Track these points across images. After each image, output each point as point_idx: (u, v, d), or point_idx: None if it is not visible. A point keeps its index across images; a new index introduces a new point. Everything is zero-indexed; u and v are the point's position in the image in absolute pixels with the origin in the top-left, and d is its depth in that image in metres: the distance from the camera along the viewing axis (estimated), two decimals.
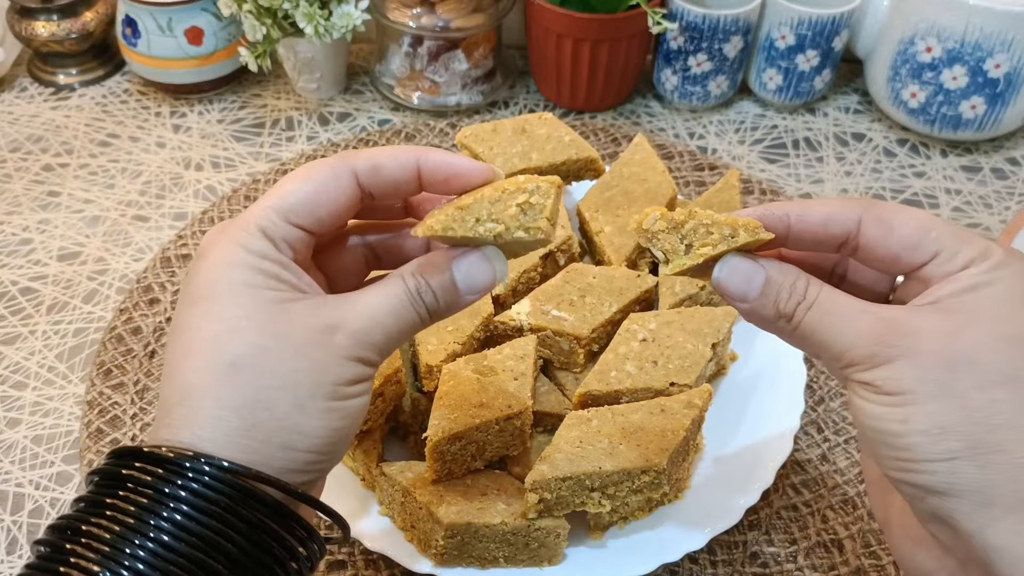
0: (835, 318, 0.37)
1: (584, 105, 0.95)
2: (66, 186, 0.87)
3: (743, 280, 0.39)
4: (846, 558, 0.61)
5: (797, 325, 0.38)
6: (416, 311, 0.39)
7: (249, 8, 0.85)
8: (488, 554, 0.56)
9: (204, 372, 0.36)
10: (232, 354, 0.36)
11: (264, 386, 0.36)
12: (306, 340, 0.37)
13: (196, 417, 0.36)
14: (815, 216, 0.39)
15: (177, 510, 0.35)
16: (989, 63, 0.84)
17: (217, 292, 0.37)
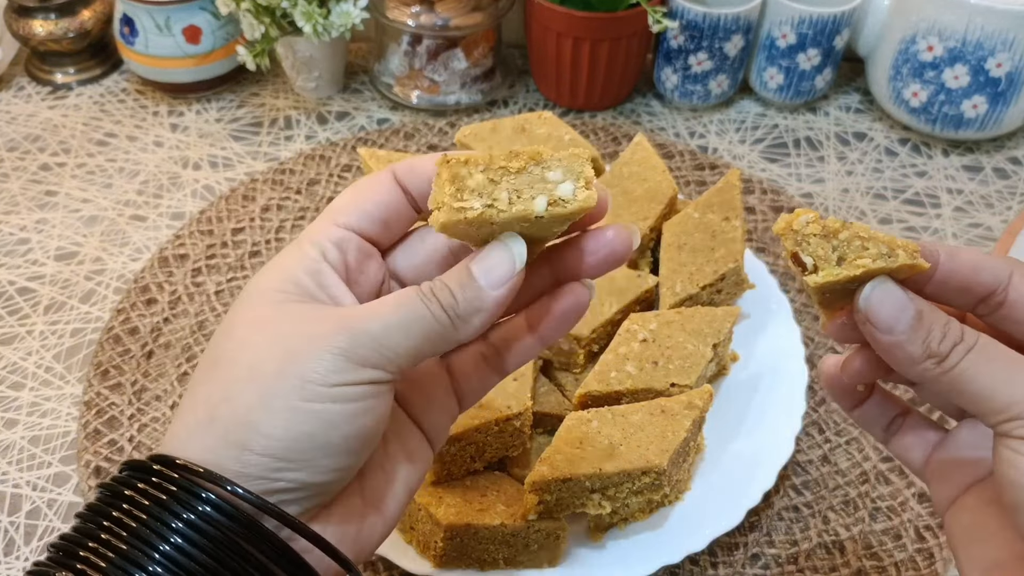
0: (999, 366, 0.34)
1: (584, 104, 0.95)
2: (63, 185, 0.87)
3: (895, 309, 0.35)
4: (847, 559, 0.61)
5: (951, 368, 0.34)
6: (429, 310, 0.35)
7: (247, 7, 0.84)
8: (488, 556, 0.56)
9: (196, 371, 0.36)
10: (219, 348, 0.36)
11: (232, 378, 0.34)
12: (288, 331, 0.35)
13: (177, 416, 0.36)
14: (965, 260, 0.36)
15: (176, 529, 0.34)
16: (991, 62, 0.83)
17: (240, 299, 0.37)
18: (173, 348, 0.72)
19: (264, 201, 0.84)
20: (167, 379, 0.70)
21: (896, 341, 0.35)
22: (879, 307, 0.35)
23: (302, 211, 0.84)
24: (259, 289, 0.37)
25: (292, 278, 0.37)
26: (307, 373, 0.34)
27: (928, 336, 0.35)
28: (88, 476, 0.64)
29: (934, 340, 0.35)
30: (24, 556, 0.61)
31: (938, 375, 0.35)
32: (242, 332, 0.35)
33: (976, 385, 0.34)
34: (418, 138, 0.92)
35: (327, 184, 0.86)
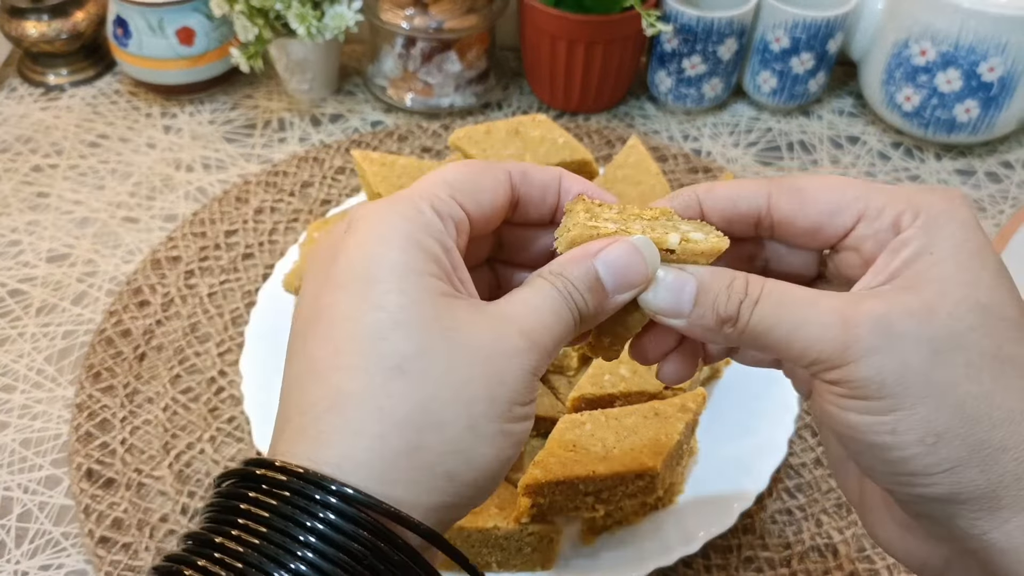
0: (789, 309, 0.32)
1: (578, 107, 0.95)
2: (55, 187, 0.86)
3: (672, 294, 0.34)
4: (840, 562, 0.61)
5: (745, 326, 0.33)
6: (571, 313, 0.33)
7: (241, 8, 0.84)
8: (481, 559, 0.55)
9: (363, 374, 0.30)
10: (398, 354, 0.30)
11: (434, 398, 0.30)
12: (479, 344, 0.31)
13: (353, 431, 0.30)
14: (723, 193, 0.36)
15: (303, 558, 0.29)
16: (983, 66, 0.84)
17: (373, 273, 0.31)
18: (166, 350, 0.72)
19: (257, 203, 0.84)
20: (159, 381, 0.70)
21: (691, 321, 0.34)
22: (656, 300, 0.34)
23: (295, 213, 0.84)
24: (409, 269, 0.31)
25: (433, 255, 0.32)
26: (515, 396, 0.31)
27: (715, 302, 0.34)
28: (79, 479, 0.64)
29: (720, 305, 0.33)
30: (15, 559, 0.60)
31: (739, 336, 0.34)
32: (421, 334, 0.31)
33: (772, 337, 0.33)
34: (412, 140, 0.91)
35: (320, 186, 0.86)
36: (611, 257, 0.33)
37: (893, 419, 0.31)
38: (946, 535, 0.34)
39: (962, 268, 0.32)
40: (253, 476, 0.30)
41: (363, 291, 0.31)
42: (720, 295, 0.34)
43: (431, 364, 0.30)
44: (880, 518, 0.37)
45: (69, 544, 0.61)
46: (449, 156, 0.79)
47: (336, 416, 0.30)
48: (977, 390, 0.31)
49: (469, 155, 0.72)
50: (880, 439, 0.32)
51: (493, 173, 0.36)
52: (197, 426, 0.67)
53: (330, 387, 0.30)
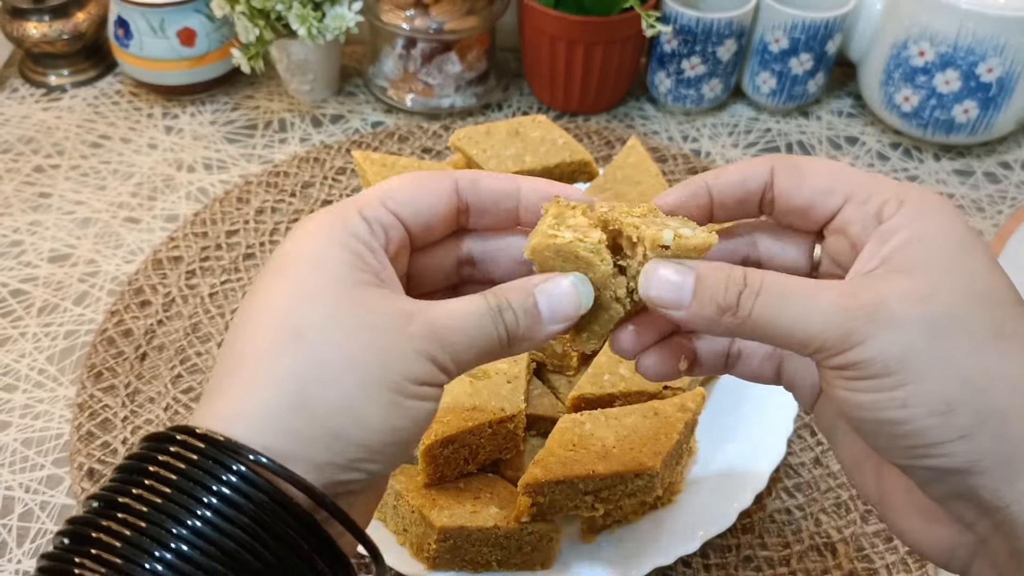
0: (790, 300, 0.33)
1: (578, 108, 0.95)
2: (57, 187, 0.87)
3: (672, 286, 0.35)
4: (839, 562, 0.61)
5: (747, 316, 0.34)
6: (496, 327, 0.35)
7: (242, 9, 0.85)
8: (481, 558, 0.56)
9: (264, 337, 0.33)
10: (300, 320, 0.33)
11: (327, 359, 0.32)
12: (381, 321, 0.33)
13: (245, 387, 0.32)
14: (732, 175, 0.38)
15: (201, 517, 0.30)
16: (982, 67, 0.84)
17: (298, 261, 0.34)
18: (167, 350, 0.72)
19: (258, 203, 0.84)
20: (161, 381, 0.70)
21: (690, 312, 0.35)
22: (657, 293, 0.35)
23: (296, 213, 0.84)
24: (329, 258, 0.34)
25: (358, 252, 0.35)
26: (405, 371, 0.33)
27: (714, 293, 0.35)
28: (81, 478, 0.64)
29: (719, 295, 0.34)
30: (17, 558, 0.61)
31: (739, 326, 0.34)
32: (327, 307, 0.33)
33: (775, 327, 0.34)
34: (412, 141, 0.92)
35: (321, 187, 0.87)
36: (549, 288, 0.36)
37: (903, 393, 0.32)
38: (971, 516, 0.34)
39: (954, 256, 0.33)
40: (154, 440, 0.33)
41: (285, 274, 0.34)
42: (718, 285, 0.35)
43: (328, 330, 0.33)
44: (903, 513, 0.37)
45: None
46: (450, 157, 0.79)
47: (236, 375, 0.33)
48: (981, 363, 0.32)
49: (469, 155, 0.72)
50: (894, 415, 0.32)
51: (435, 182, 0.38)
52: None
53: (236, 350, 0.33)
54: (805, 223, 0.38)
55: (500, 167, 0.71)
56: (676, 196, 0.39)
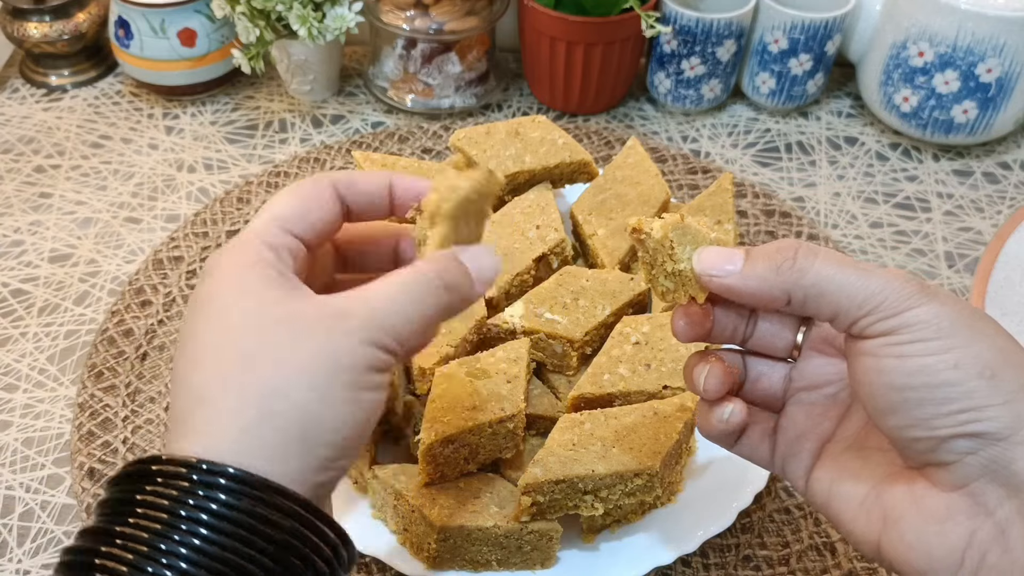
0: (847, 267, 0.36)
1: (577, 108, 0.95)
2: (58, 188, 0.87)
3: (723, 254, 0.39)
4: (838, 561, 0.61)
5: (807, 268, 0.37)
6: (435, 294, 0.37)
7: (242, 10, 0.85)
8: (481, 557, 0.56)
9: (217, 370, 0.35)
10: (248, 345, 0.34)
11: (280, 373, 0.34)
12: (318, 325, 0.35)
13: (211, 418, 0.34)
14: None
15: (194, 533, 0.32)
16: (981, 67, 0.84)
17: (221, 296, 0.36)
18: (167, 350, 0.73)
19: (259, 203, 0.85)
20: (161, 381, 0.70)
21: (742, 273, 0.38)
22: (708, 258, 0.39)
23: None
24: (248, 283, 0.36)
25: (265, 276, 0.37)
26: (354, 364, 0.35)
27: (767, 256, 0.38)
28: (82, 478, 0.64)
29: (772, 256, 0.38)
30: (17, 558, 0.61)
31: (798, 278, 0.37)
32: (264, 327, 0.35)
33: (832, 283, 0.36)
34: (412, 141, 0.92)
35: None
36: (473, 252, 0.39)
37: (954, 356, 0.34)
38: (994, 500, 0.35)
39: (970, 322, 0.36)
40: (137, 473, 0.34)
41: (212, 311, 0.36)
42: (769, 249, 0.38)
43: (275, 347, 0.34)
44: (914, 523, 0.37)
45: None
46: (450, 157, 0.79)
47: (200, 411, 0.34)
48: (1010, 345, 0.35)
49: (469, 156, 0.72)
50: (946, 376, 0.34)
51: (320, 191, 0.40)
52: None
53: (191, 389, 0.35)
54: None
55: (500, 167, 0.71)
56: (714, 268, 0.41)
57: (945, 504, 0.36)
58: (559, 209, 0.71)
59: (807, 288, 0.37)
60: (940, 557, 0.36)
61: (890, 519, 0.38)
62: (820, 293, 0.37)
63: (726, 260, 0.39)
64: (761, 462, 0.44)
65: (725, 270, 0.39)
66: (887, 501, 0.38)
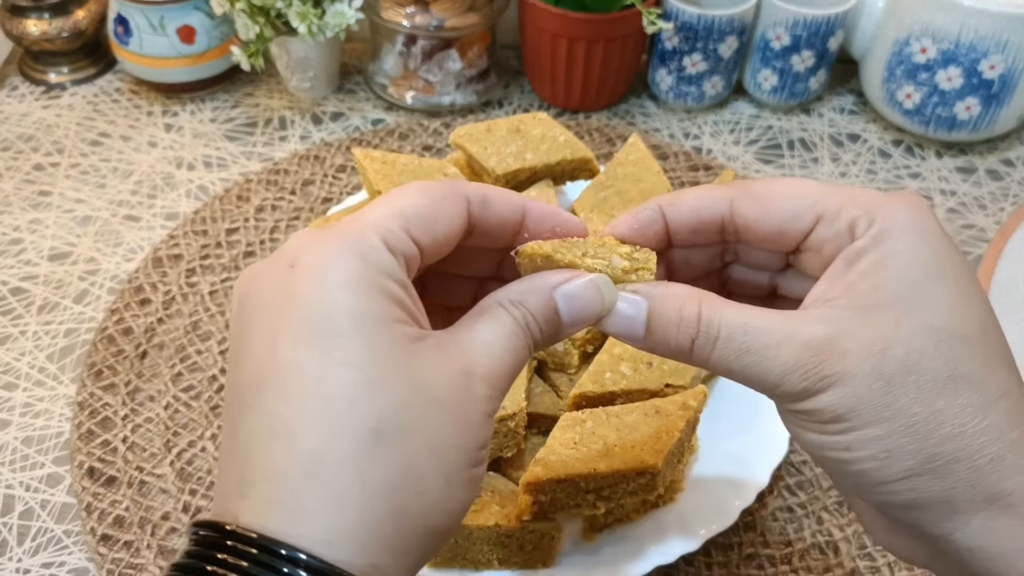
0: (752, 355, 0.33)
1: (579, 105, 0.95)
2: (57, 185, 0.87)
3: (626, 319, 0.35)
4: (841, 560, 0.61)
5: (706, 360, 0.34)
6: (526, 345, 0.34)
7: (242, 7, 0.84)
8: (482, 556, 0.56)
9: (339, 439, 0.28)
10: (376, 416, 0.29)
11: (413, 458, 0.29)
12: (447, 393, 0.30)
13: (335, 500, 0.28)
14: (686, 204, 0.37)
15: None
16: (984, 64, 0.84)
17: (339, 325, 0.29)
18: (167, 348, 0.72)
19: (259, 201, 0.84)
20: (161, 380, 0.70)
21: (648, 346, 0.36)
22: (613, 326, 0.35)
23: (296, 211, 0.84)
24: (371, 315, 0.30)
25: (395, 298, 0.31)
26: (480, 441, 0.31)
27: (666, 334, 0.35)
28: (81, 477, 0.64)
29: (671, 337, 0.35)
30: (17, 557, 0.61)
31: (700, 365, 0.35)
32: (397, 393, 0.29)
33: (735, 373, 0.34)
34: (413, 139, 0.92)
35: (321, 184, 0.86)
36: (572, 291, 0.34)
37: (847, 439, 0.33)
38: (920, 536, 0.35)
39: (916, 288, 0.33)
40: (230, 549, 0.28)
41: (326, 346, 0.29)
42: (670, 327, 0.35)
43: (406, 422, 0.29)
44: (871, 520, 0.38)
45: (71, 542, 0.62)
46: (450, 154, 0.79)
47: (316, 485, 0.28)
48: (927, 411, 0.32)
49: (470, 153, 0.72)
50: (840, 455, 0.34)
51: (453, 201, 0.34)
52: (199, 424, 0.67)
53: (303, 452, 0.28)
54: (777, 247, 0.38)
55: (501, 164, 0.71)
56: (629, 222, 0.38)
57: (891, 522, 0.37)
58: (560, 206, 0.71)
59: (711, 369, 0.35)
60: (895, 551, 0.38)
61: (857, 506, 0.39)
62: (724, 375, 0.35)
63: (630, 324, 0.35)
64: None
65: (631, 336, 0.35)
66: None
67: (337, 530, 0.28)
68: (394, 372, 0.29)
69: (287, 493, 0.28)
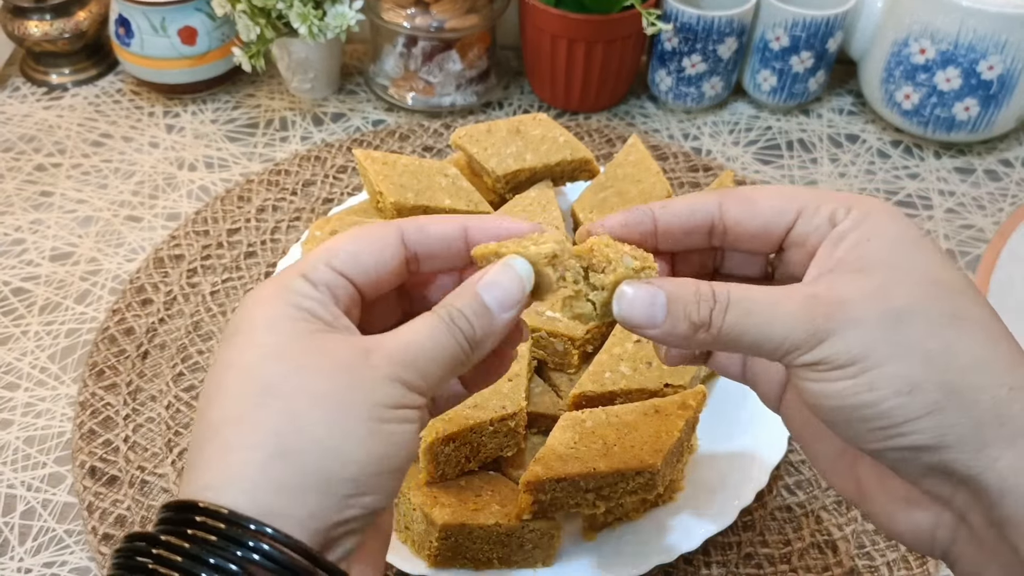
0: (758, 312, 0.35)
1: (578, 106, 0.95)
2: (59, 186, 0.87)
3: (645, 305, 0.36)
4: (840, 559, 0.61)
5: (719, 331, 0.36)
6: (454, 338, 0.36)
7: (243, 8, 0.85)
8: (482, 555, 0.56)
9: (236, 401, 0.34)
10: (265, 378, 0.34)
11: (298, 407, 0.33)
12: (342, 360, 0.34)
13: (227, 453, 0.33)
14: (678, 206, 0.39)
15: None
16: (982, 65, 0.84)
17: (252, 326, 0.35)
18: (168, 348, 0.73)
19: (260, 202, 0.85)
20: (162, 379, 0.70)
21: (663, 331, 0.36)
22: (630, 313, 0.37)
23: (297, 212, 0.84)
24: (280, 317, 0.35)
25: (308, 308, 0.36)
26: (375, 398, 0.34)
27: (686, 310, 0.36)
28: (83, 476, 0.64)
29: (692, 313, 0.36)
30: (19, 556, 0.61)
31: (714, 340, 0.36)
32: (287, 359, 0.34)
33: (748, 338, 0.35)
34: (413, 139, 0.92)
35: (322, 185, 0.87)
36: (490, 279, 0.37)
37: (868, 378, 0.34)
38: (947, 491, 0.35)
39: (905, 252, 0.35)
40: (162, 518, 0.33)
41: (241, 340, 0.35)
42: (690, 303, 0.36)
43: (297, 380, 0.33)
44: (881, 502, 0.38)
45: (72, 541, 0.62)
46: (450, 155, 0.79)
47: (215, 442, 0.33)
48: (941, 344, 0.34)
49: (470, 154, 0.72)
50: (862, 398, 0.34)
51: (379, 237, 0.38)
52: None
53: (211, 419, 0.34)
54: (763, 246, 0.39)
55: (501, 165, 0.71)
56: (619, 219, 0.40)
57: (906, 490, 0.37)
58: (560, 207, 0.71)
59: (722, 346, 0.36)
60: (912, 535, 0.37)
61: (862, 490, 0.39)
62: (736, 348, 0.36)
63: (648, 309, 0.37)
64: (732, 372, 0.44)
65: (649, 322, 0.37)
66: (860, 471, 0.39)
67: (226, 478, 0.32)
68: (291, 348, 0.34)
69: (194, 456, 0.34)
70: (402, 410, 0.35)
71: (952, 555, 0.37)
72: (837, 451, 0.40)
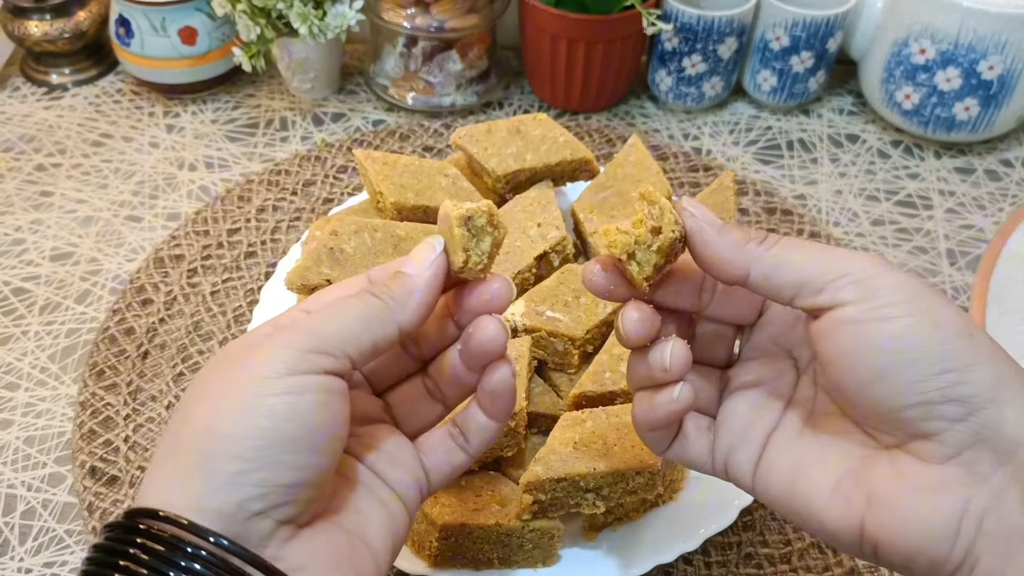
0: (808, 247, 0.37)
1: (579, 106, 0.95)
2: (59, 186, 0.87)
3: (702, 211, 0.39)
4: (840, 559, 0.61)
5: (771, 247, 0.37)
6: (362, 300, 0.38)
7: (243, 8, 0.85)
8: (482, 555, 0.56)
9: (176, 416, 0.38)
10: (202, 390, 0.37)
11: (191, 407, 0.36)
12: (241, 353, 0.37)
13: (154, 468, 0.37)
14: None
15: None
16: (983, 65, 0.84)
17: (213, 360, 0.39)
18: (168, 348, 0.73)
19: (260, 202, 0.85)
20: (162, 379, 0.70)
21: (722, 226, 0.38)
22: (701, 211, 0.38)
23: (298, 212, 0.84)
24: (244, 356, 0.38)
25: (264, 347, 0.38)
26: (260, 370, 0.35)
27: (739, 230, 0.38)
28: (83, 476, 0.64)
29: (745, 233, 0.38)
30: (19, 556, 0.61)
31: (762, 253, 0.37)
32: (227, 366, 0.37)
33: (794, 262, 0.37)
34: (413, 139, 0.92)
35: (322, 185, 0.87)
36: (409, 257, 0.40)
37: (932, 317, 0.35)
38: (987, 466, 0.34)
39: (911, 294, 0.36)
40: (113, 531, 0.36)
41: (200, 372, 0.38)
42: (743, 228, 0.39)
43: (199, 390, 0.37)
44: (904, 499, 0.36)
45: (72, 541, 0.62)
46: (451, 155, 0.79)
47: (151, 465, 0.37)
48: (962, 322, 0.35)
49: (470, 154, 0.72)
50: (929, 335, 0.34)
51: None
52: None
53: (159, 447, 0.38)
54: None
55: (501, 165, 0.71)
56: None
57: (938, 476, 0.35)
58: (560, 207, 0.71)
59: (770, 262, 0.37)
60: (937, 528, 0.35)
61: (876, 499, 0.37)
62: (782, 269, 0.37)
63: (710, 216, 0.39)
64: (697, 461, 0.43)
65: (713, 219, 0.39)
66: (871, 482, 0.37)
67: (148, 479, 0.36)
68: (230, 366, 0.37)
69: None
70: (299, 377, 0.35)
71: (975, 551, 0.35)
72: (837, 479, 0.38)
